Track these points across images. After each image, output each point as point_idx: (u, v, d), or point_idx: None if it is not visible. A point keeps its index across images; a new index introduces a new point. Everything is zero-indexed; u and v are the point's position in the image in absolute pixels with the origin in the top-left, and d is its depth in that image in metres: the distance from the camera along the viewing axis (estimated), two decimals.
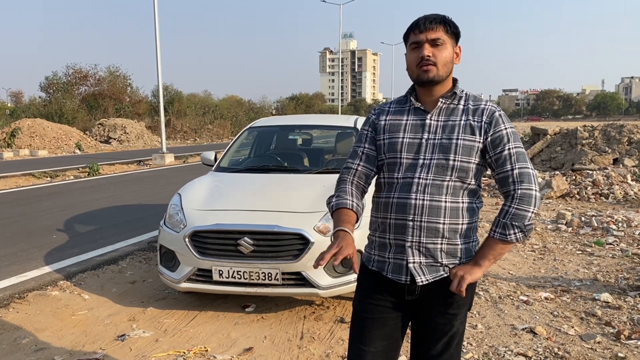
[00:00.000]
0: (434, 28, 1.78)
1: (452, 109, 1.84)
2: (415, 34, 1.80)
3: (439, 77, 1.79)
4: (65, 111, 33.92)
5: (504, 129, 1.79)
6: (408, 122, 1.86)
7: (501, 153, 1.77)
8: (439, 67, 1.78)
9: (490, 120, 1.80)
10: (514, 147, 1.78)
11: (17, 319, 3.92)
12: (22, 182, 12.63)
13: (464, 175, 1.78)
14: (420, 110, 1.86)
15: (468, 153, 1.78)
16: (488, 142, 1.79)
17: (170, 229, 3.99)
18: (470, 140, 1.78)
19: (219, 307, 4.12)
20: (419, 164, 1.80)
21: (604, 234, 6.38)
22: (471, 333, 3.57)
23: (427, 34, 1.77)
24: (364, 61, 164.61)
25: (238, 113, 46.95)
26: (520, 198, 1.74)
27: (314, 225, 3.71)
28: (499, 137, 1.78)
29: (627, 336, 3.44)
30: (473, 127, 1.79)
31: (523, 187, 1.74)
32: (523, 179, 1.75)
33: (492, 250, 1.78)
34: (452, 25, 1.81)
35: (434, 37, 1.77)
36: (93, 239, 6.39)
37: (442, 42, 1.78)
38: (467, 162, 1.78)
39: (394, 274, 1.83)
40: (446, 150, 1.78)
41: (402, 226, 1.80)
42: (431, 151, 1.80)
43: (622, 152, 11.85)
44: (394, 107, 1.95)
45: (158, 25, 18.97)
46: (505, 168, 1.77)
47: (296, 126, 6.26)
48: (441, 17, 1.81)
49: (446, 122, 1.82)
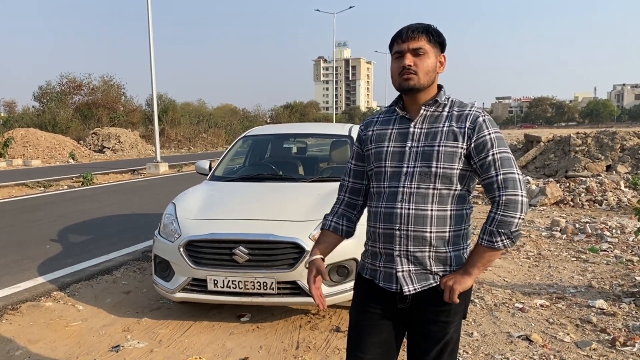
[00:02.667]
0: (416, 37, 1.79)
1: (436, 116, 1.84)
2: (398, 43, 1.82)
3: (420, 85, 1.80)
4: (59, 120, 33.85)
5: (487, 134, 1.78)
6: (393, 131, 1.88)
7: (485, 159, 1.77)
8: (420, 75, 1.79)
9: (474, 126, 1.79)
10: (498, 153, 1.76)
11: (10, 331, 3.89)
12: (15, 192, 12.56)
13: (447, 182, 1.78)
14: (405, 119, 1.87)
15: (450, 160, 1.77)
16: (472, 147, 1.78)
17: (164, 238, 3.98)
18: (452, 146, 1.78)
19: (214, 317, 4.09)
20: (402, 172, 1.81)
21: (598, 241, 6.40)
22: (467, 341, 3.57)
23: (409, 44, 1.79)
24: (358, 69, 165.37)
25: (232, 122, 47.06)
26: (505, 204, 1.72)
27: (309, 234, 3.71)
28: (483, 143, 1.77)
29: (622, 343, 3.45)
30: (456, 133, 1.79)
31: (508, 193, 1.72)
32: (507, 184, 1.73)
33: (480, 258, 1.78)
34: (435, 35, 1.82)
35: (415, 47, 1.79)
36: (87, 249, 6.35)
37: (424, 51, 1.79)
38: (450, 169, 1.77)
39: (385, 282, 1.84)
40: (428, 158, 1.78)
41: (389, 235, 1.81)
42: (414, 159, 1.80)
43: (615, 158, 11.94)
44: (382, 117, 1.97)
45: (152, 34, 19.01)
46: (490, 174, 1.76)
47: (291, 135, 6.26)
48: (424, 27, 1.82)
49: (429, 129, 1.82)
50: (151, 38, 19.02)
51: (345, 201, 2.05)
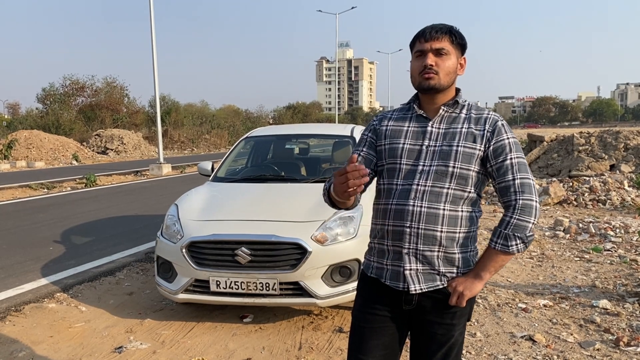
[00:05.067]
0: (440, 38, 1.79)
1: (454, 117, 1.84)
2: (420, 42, 1.81)
3: (440, 85, 1.80)
4: (62, 122, 33.95)
5: (506, 138, 1.79)
6: (409, 129, 1.87)
7: (503, 162, 1.77)
8: (440, 75, 1.78)
9: (493, 129, 1.80)
10: (515, 157, 1.77)
11: (13, 332, 3.90)
12: (18, 194, 12.59)
13: (463, 183, 1.78)
14: (422, 118, 1.87)
15: (468, 160, 1.77)
16: (490, 151, 1.79)
17: (167, 239, 3.98)
18: (470, 147, 1.78)
19: (217, 318, 4.10)
20: (418, 170, 1.80)
21: (601, 241, 6.38)
22: (470, 341, 3.56)
23: (432, 43, 1.79)
24: (361, 70, 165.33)
25: (235, 123, 47.09)
26: (522, 209, 1.73)
27: (312, 234, 3.71)
28: (501, 147, 1.78)
29: (626, 343, 3.43)
30: (475, 135, 1.79)
31: (525, 198, 1.74)
32: (524, 189, 1.75)
33: (493, 261, 1.78)
34: (457, 36, 1.82)
35: (438, 47, 1.78)
36: (90, 251, 6.37)
37: (446, 52, 1.79)
38: (467, 170, 1.77)
39: (391, 280, 1.83)
40: (446, 157, 1.78)
41: (399, 233, 1.79)
42: (431, 158, 1.80)
43: (619, 158, 11.90)
44: (396, 114, 1.96)
45: (155, 35, 19.06)
46: (507, 178, 1.77)
47: (293, 135, 6.26)
48: (448, 28, 1.81)
49: (447, 129, 1.82)
50: (154, 39, 19.07)
51: None
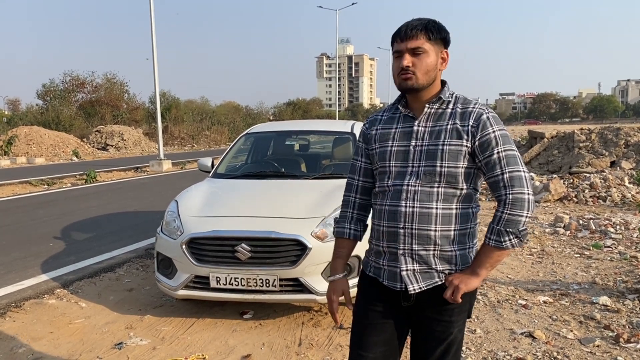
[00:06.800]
0: (415, 36, 1.75)
1: (440, 114, 1.81)
2: (397, 42, 1.79)
3: (419, 85, 1.77)
4: (63, 118, 33.88)
5: (491, 132, 1.74)
6: (397, 130, 1.85)
7: (490, 157, 1.73)
8: (418, 75, 1.76)
9: (478, 124, 1.75)
10: (503, 150, 1.73)
11: (13, 328, 3.90)
12: (19, 190, 12.60)
13: (453, 181, 1.76)
14: (409, 117, 1.85)
15: (455, 158, 1.74)
16: (476, 146, 1.75)
17: (167, 236, 3.98)
18: (456, 145, 1.75)
19: (217, 314, 4.10)
20: (407, 171, 1.79)
21: (601, 237, 6.38)
22: (470, 338, 3.56)
23: (407, 43, 1.76)
24: (361, 66, 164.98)
25: (235, 119, 47.00)
26: (512, 203, 1.70)
27: (312, 231, 3.70)
28: (487, 141, 1.74)
29: (626, 339, 3.43)
30: (459, 131, 1.75)
31: (514, 192, 1.70)
32: (514, 182, 1.71)
33: (488, 258, 1.76)
34: (435, 31, 1.77)
35: (414, 47, 1.75)
36: (90, 247, 6.37)
37: (422, 50, 1.75)
38: (455, 168, 1.75)
39: (389, 281, 1.83)
40: (432, 157, 1.76)
41: (393, 234, 1.79)
42: (419, 158, 1.78)
43: (619, 154, 11.89)
44: (386, 115, 1.94)
45: (155, 31, 19.02)
46: (495, 172, 1.73)
47: (293, 132, 6.25)
48: (424, 24, 1.77)
49: (433, 127, 1.79)
50: (154, 35, 19.04)
51: (358, 204, 2.00)
